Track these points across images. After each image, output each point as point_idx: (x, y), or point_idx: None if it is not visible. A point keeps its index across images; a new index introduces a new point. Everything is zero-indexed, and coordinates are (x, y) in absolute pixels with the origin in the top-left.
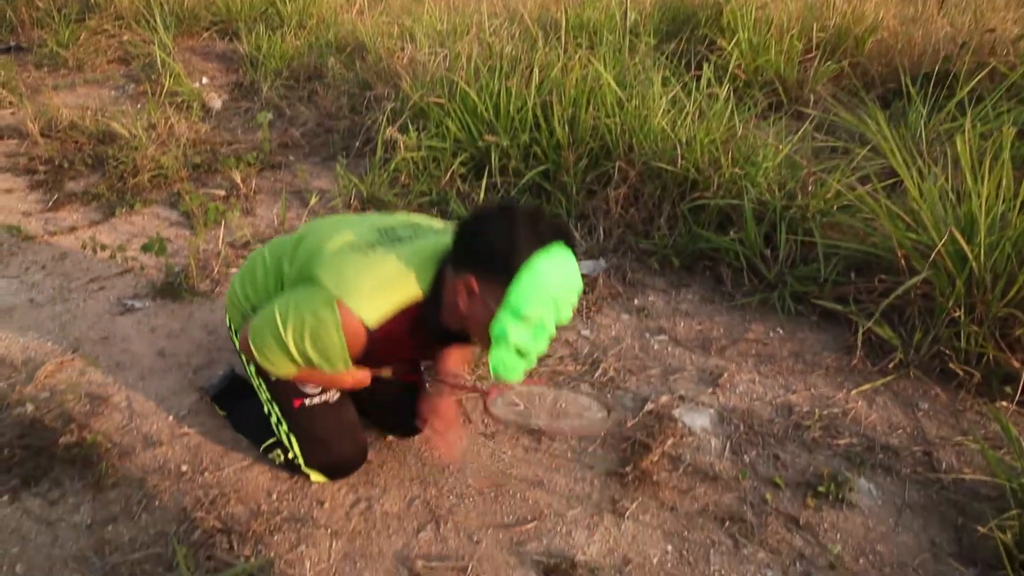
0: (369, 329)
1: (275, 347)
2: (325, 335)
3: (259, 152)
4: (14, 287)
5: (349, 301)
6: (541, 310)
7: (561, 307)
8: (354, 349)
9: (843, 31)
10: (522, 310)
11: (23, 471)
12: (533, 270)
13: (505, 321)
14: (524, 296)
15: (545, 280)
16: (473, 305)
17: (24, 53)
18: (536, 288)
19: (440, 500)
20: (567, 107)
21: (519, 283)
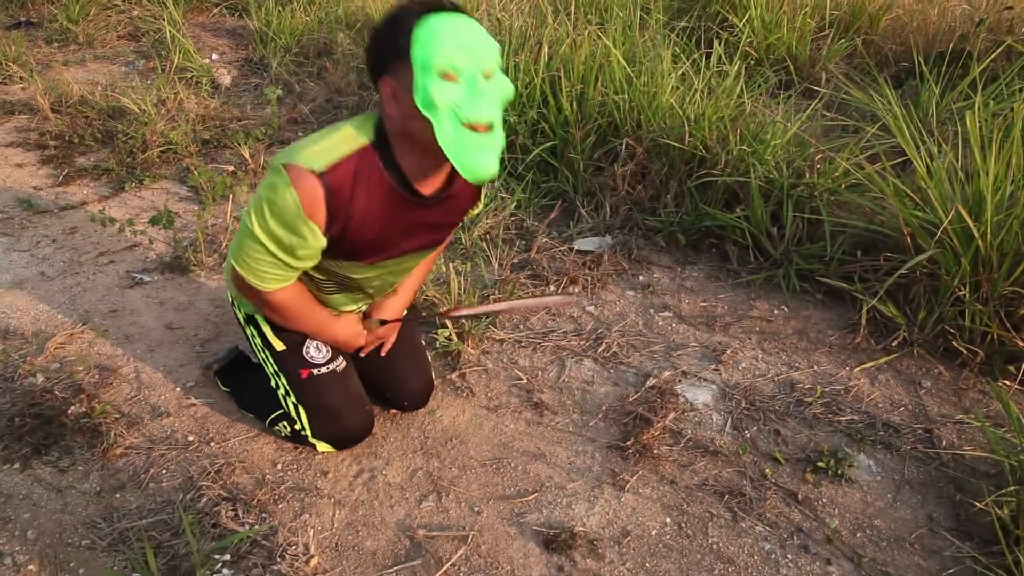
0: (317, 172)
1: (250, 242)
2: (280, 200)
3: (268, 128)
4: (25, 260)
5: (295, 159)
6: (451, 55)
7: (475, 53)
8: (312, 205)
9: (857, 9)
10: (430, 61)
11: (34, 439)
12: (426, 26)
13: (422, 82)
14: (425, 48)
15: (442, 28)
16: (401, 104)
17: (35, 28)
18: (435, 36)
19: (442, 472)
20: (575, 84)
21: (418, 42)
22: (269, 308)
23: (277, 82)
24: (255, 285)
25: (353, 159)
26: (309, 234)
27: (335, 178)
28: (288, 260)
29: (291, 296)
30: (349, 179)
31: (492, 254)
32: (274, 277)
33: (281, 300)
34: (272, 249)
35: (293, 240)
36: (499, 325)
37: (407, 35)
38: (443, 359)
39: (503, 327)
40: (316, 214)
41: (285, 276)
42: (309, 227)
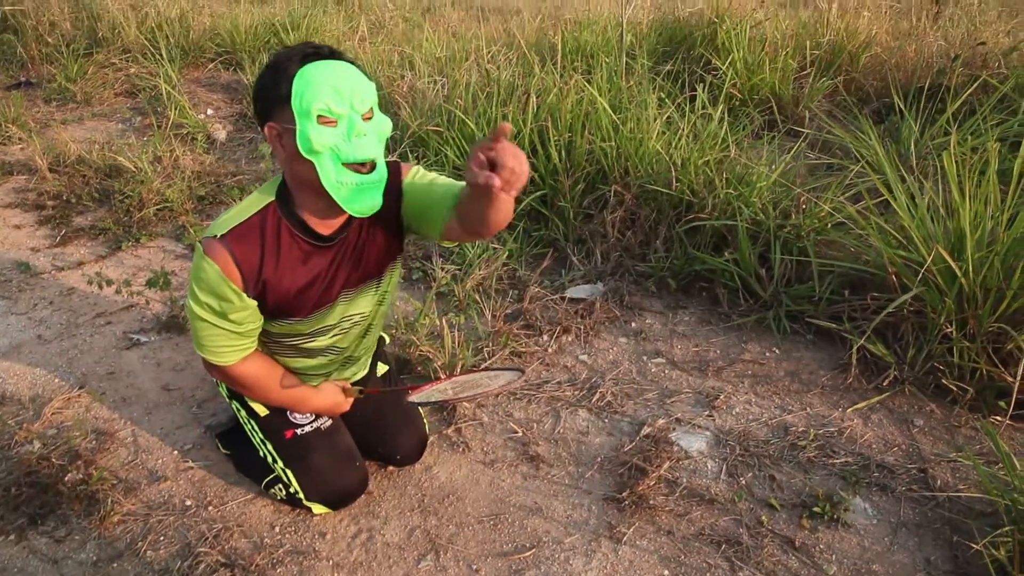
0: (219, 237)
1: (194, 325)
2: (200, 271)
3: (263, 182)
4: (22, 323)
5: (207, 231)
6: (328, 101)
7: (352, 97)
8: (225, 269)
9: (837, 48)
10: (308, 107)
11: (30, 509)
12: (305, 74)
13: (303, 127)
14: (303, 95)
15: (319, 75)
16: (286, 148)
17: (33, 88)
18: (312, 84)
19: (440, 529)
20: (563, 132)
21: (297, 89)
22: (242, 386)
23: None
24: (216, 362)
25: (255, 219)
26: (235, 296)
27: (239, 240)
28: (229, 327)
29: (256, 368)
30: (255, 238)
31: (485, 305)
32: (228, 349)
33: (246, 372)
34: (211, 320)
35: (224, 305)
36: None
37: (288, 83)
38: (438, 413)
39: None
40: (233, 277)
41: (238, 345)
42: (232, 289)
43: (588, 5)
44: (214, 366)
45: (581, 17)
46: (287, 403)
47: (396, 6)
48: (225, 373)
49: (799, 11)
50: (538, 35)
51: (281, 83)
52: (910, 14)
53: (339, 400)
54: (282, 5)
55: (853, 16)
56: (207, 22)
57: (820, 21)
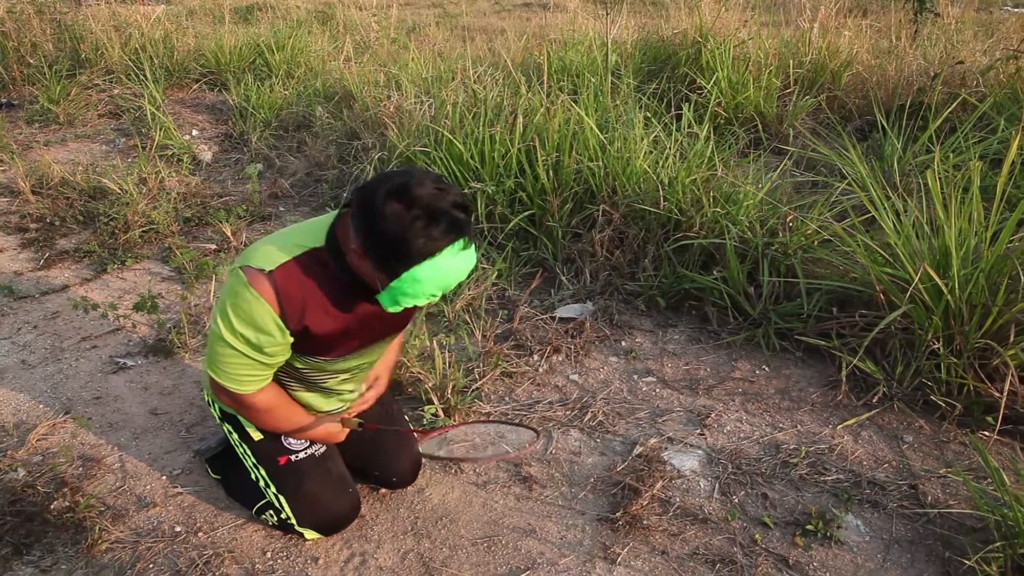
0: (266, 272)
1: (220, 347)
2: (241, 301)
3: (249, 204)
4: (6, 348)
5: (249, 261)
6: (421, 298)
7: (445, 290)
8: (269, 299)
9: (819, 66)
10: (406, 291)
11: (15, 538)
12: (412, 273)
13: (393, 296)
14: (411, 286)
15: (425, 282)
16: (361, 264)
17: (15, 110)
18: (420, 283)
19: (434, 553)
20: (551, 152)
21: (404, 280)
22: (250, 411)
23: (257, 157)
24: (233, 390)
25: (303, 260)
26: (277, 332)
27: (287, 278)
28: (260, 359)
29: (270, 398)
30: (299, 278)
31: (475, 325)
32: (250, 378)
33: (261, 402)
34: (243, 350)
35: (261, 338)
36: (485, 399)
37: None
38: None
39: (489, 400)
40: (276, 309)
41: (261, 376)
42: (277, 324)
43: (572, 25)
44: (228, 395)
45: (566, 37)
46: (287, 431)
47: (381, 26)
48: (238, 401)
49: (781, 30)
50: (523, 55)
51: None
52: (890, 33)
53: (335, 430)
54: (267, 26)
55: (834, 35)
56: (191, 43)
57: (802, 40)
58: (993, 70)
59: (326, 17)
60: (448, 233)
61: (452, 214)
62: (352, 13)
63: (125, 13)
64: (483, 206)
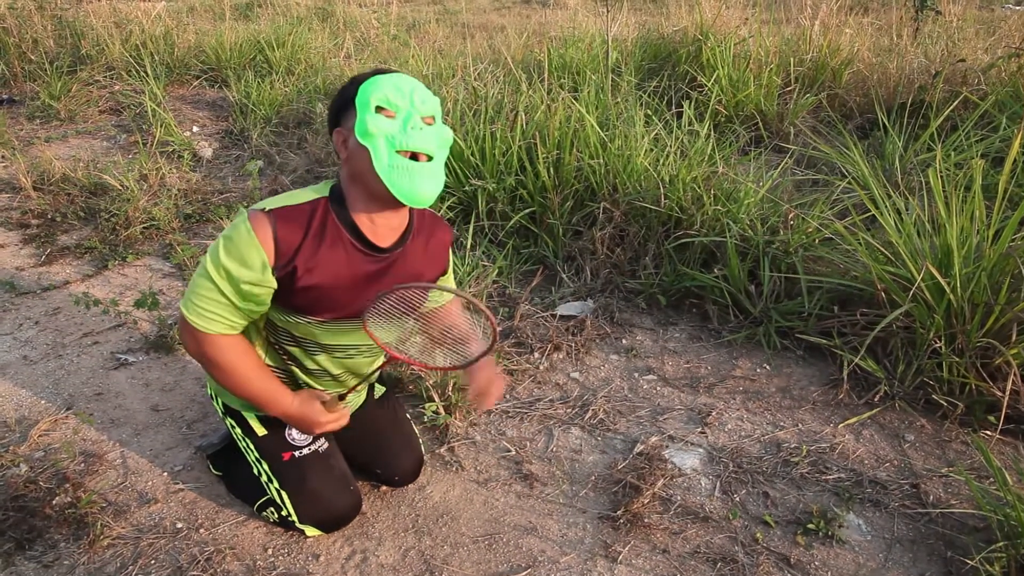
0: (267, 210)
1: (200, 283)
2: (235, 234)
3: (249, 200)
4: (7, 344)
5: (256, 206)
6: (388, 94)
7: (413, 98)
8: (263, 238)
9: (820, 64)
10: (368, 99)
11: (16, 534)
12: (373, 78)
13: (361, 116)
14: (367, 91)
15: (386, 78)
16: (347, 146)
17: (17, 106)
18: (377, 82)
19: (435, 550)
20: (551, 150)
21: (362, 88)
22: (213, 365)
23: (258, 153)
24: (198, 327)
25: (306, 207)
26: (260, 266)
27: (285, 219)
28: (234, 299)
29: (234, 348)
30: (301, 222)
31: None
32: (217, 317)
33: (223, 349)
34: (220, 285)
35: (243, 272)
36: None
37: (355, 87)
38: (431, 433)
39: None
40: (267, 248)
41: (229, 320)
42: (261, 259)
43: (573, 22)
44: (192, 335)
45: (566, 34)
46: (258, 396)
47: (381, 23)
48: (200, 345)
49: (782, 28)
50: (524, 52)
51: (350, 88)
52: (891, 31)
53: (315, 410)
54: (267, 22)
55: (835, 33)
56: (192, 39)
57: (803, 38)
58: (995, 68)
59: (326, 14)
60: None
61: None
62: (352, 10)
63: (126, 9)
64: (484, 203)
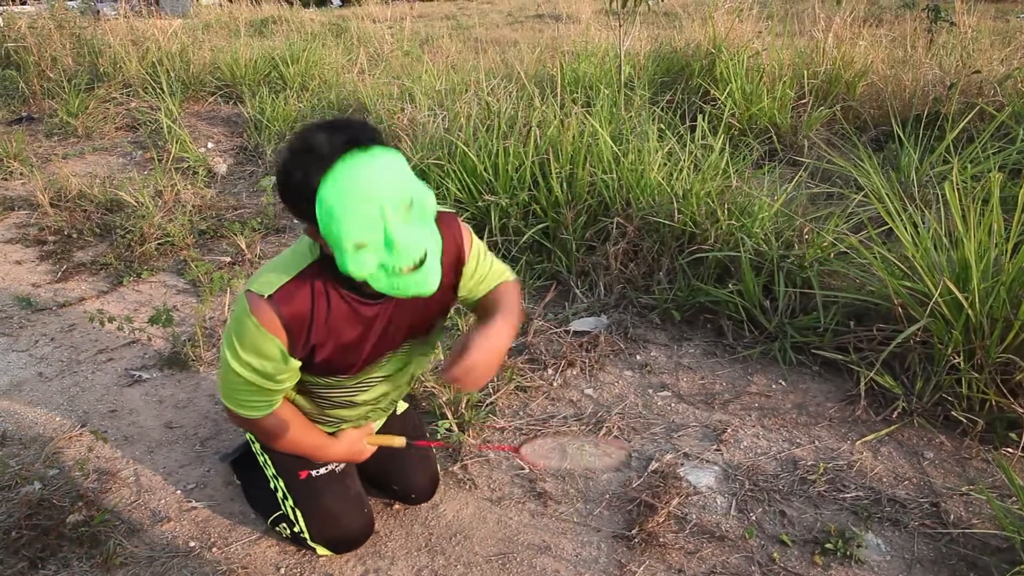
0: (267, 297)
1: (228, 375)
2: (244, 328)
3: (263, 216)
4: (23, 361)
5: (251, 286)
6: (354, 234)
7: (380, 212)
8: (271, 328)
9: (834, 77)
10: (341, 241)
11: (30, 552)
12: (321, 204)
13: (340, 258)
14: (328, 230)
15: (339, 202)
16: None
17: (35, 123)
18: (333, 218)
19: (448, 570)
20: (564, 165)
21: (321, 222)
22: (265, 436)
23: (272, 169)
24: (248, 417)
25: (303, 280)
26: (280, 356)
27: (287, 302)
28: (267, 385)
29: (283, 420)
30: (303, 300)
31: None
32: (259, 403)
33: (273, 425)
34: (249, 378)
35: (266, 364)
36: (499, 414)
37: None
38: (444, 450)
39: (503, 415)
40: (280, 337)
41: (271, 401)
42: (280, 349)
43: (585, 37)
44: (242, 420)
45: (579, 48)
46: (308, 453)
47: (395, 38)
48: (252, 426)
49: (795, 41)
50: (537, 67)
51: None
52: (905, 42)
53: (359, 449)
54: (281, 39)
55: (849, 45)
56: (207, 56)
57: (816, 50)
58: (1011, 79)
59: (340, 30)
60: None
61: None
62: (366, 25)
63: (143, 27)
64: (497, 219)
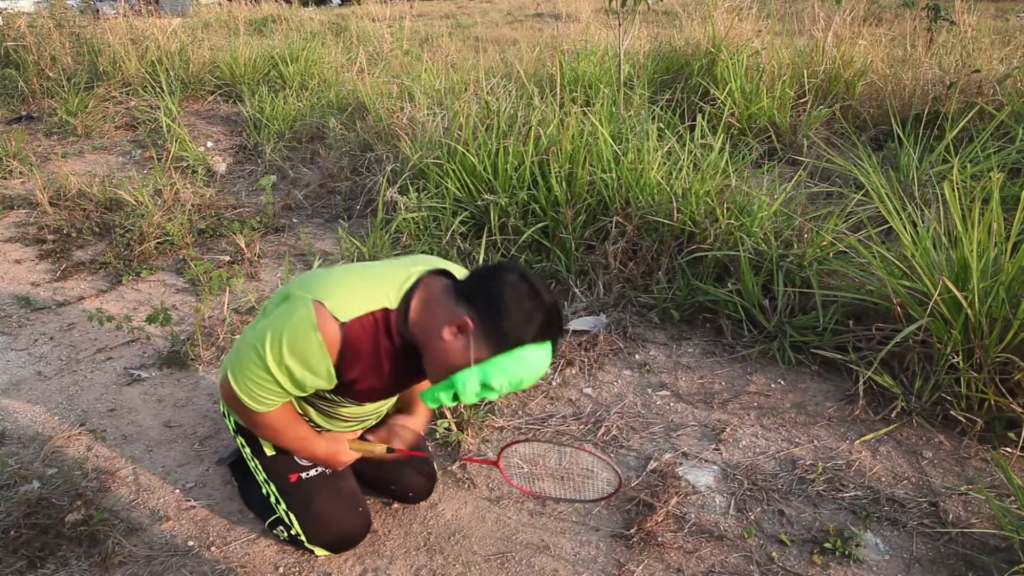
0: (341, 322)
1: (255, 368)
2: (303, 338)
3: (263, 216)
4: (23, 359)
5: (325, 300)
6: (504, 386)
7: (519, 387)
8: (332, 349)
9: (833, 76)
10: (491, 381)
11: (29, 551)
12: (521, 357)
13: (469, 378)
14: (500, 372)
15: (524, 368)
16: (455, 342)
17: (35, 122)
18: (512, 370)
19: (447, 569)
20: (564, 164)
21: (504, 359)
22: (256, 425)
23: (271, 168)
24: (248, 405)
25: (375, 317)
26: (326, 376)
27: (356, 334)
28: (292, 390)
29: (280, 416)
30: (368, 339)
31: None
32: (269, 401)
33: (270, 420)
34: (280, 380)
35: (306, 376)
36: (498, 413)
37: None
38: (443, 449)
39: (502, 414)
40: (334, 357)
41: (281, 400)
42: (328, 370)
43: (585, 36)
44: (240, 406)
45: (578, 48)
46: (291, 446)
47: (394, 38)
48: (249, 415)
49: (795, 40)
50: (536, 66)
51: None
52: (904, 42)
53: (340, 449)
54: (281, 38)
55: (848, 44)
56: (206, 55)
57: (816, 49)
58: (1010, 78)
59: (340, 29)
60: (550, 332)
61: (559, 319)
62: (365, 24)
63: (142, 26)
64: (496, 218)
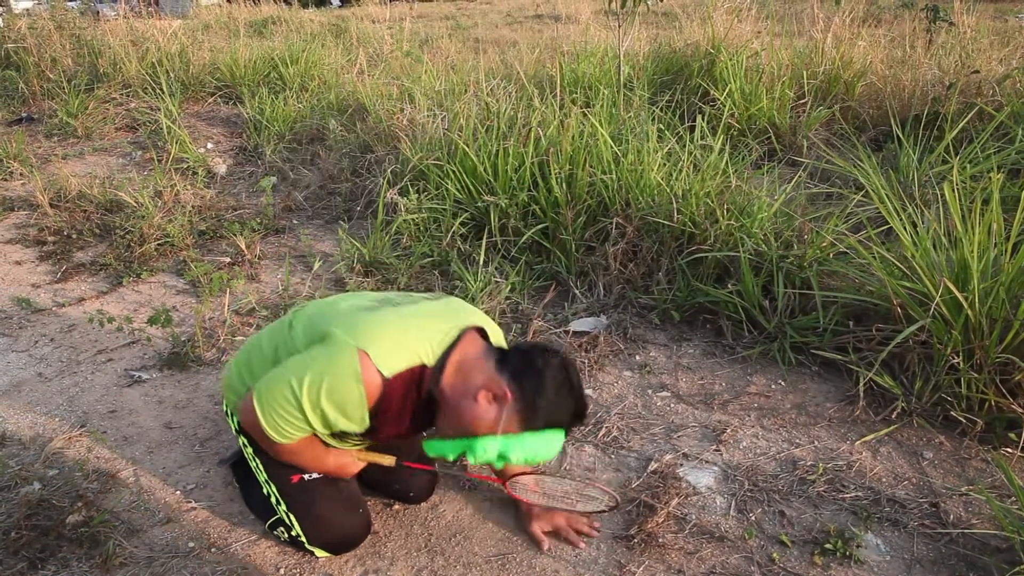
0: (384, 376)
1: (287, 406)
2: (344, 387)
3: (263, 217)
4: (23, 361)
5: (369, 349)
6: (519, 459)
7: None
8: (370, 399)
9: (833, 77)
10: (509, 453)
11: (30, 553)
12: (546, 438)
13: (490, 445)
14: (522, 447)
15: (543, 448)
16: (488, 408)
17: (35, 124)
18: (532, 448)
19: (448, 570)
20: (564, 165)
21: (531, 437)
22: (273, 449)
23: (271, 170)
24: (269, 436)
25: (413, 373)
26: (359, 422)
27: (394, 389)
28: (319, 429)
29: (300, 442)
30: (402, 392)
31: None
32: (292, 435)
33: (289, 446)
34: (312, 422)
35: (339, 420)
36: None
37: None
38: None
39: None
40: (371, 406)
41: (302, 436)
42: (363, 413)
43: (585, 37)
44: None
45: (578, 49)
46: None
47: (394, 39)
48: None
49: (794, 41)
50: (536, 67)
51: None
52: (904, 43)
53: (348, 461)
54: (281, 39)
55: (848, 45)
56: (207, 57)
57: (815, 50)
58: (1010, 79)
59: (340, 30)
60: (576, 423)
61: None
62: (366, 26)
63: (142, 28)
64: (496, 219)
